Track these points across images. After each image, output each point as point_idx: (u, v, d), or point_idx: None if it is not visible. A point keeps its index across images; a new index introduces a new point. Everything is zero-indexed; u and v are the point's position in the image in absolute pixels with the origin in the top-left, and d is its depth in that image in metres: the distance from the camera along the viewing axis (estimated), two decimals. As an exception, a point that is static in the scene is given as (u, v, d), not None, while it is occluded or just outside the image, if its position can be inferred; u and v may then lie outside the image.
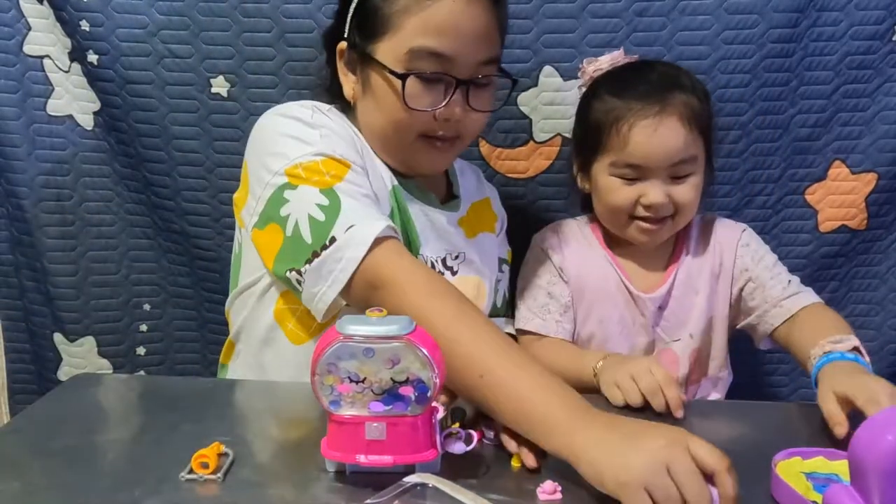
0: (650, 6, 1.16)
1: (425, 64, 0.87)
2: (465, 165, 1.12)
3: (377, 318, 0.64)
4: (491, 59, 0.91)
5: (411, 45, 0.87)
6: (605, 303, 1.07)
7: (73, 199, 1.26)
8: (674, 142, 0.98)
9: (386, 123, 0.92)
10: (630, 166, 0.99)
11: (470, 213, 1.05)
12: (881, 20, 1.15)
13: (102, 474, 0.71)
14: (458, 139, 0.94)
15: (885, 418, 0.54)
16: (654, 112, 0.97)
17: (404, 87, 0.87)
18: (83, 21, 1.17)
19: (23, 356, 1.33)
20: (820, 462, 0.70)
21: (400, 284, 0.78)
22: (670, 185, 1.00)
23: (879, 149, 1.20)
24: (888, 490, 0.53)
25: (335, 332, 0.64)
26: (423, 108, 0.89)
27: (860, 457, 0.55)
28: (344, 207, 0.82)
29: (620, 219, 1.03)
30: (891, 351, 1.27)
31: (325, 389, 0.65)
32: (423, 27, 0.86)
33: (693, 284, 1.06)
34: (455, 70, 0.88)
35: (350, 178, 0.85)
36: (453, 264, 0.99)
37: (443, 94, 0.89)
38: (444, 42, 0.87)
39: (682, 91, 1.00)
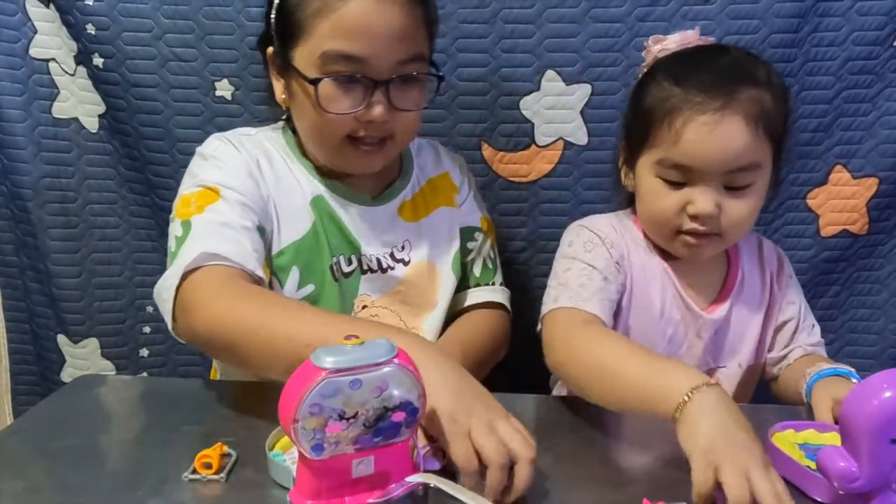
0: (652, 11, 1.16)
1: (339, 67, 0.86)
2: (422, 143, 1.10)
3: (354, 346, 0.58)
4: (412, 57, 0.89)
5: (323, 49, 0.86)
6: (658, 319, 0.95)
7: (78, 201, 1.27)
8: (734, 144, 0.84)
9: (310, 128, 0.93)
10: (678, 167, 0.87)
11: (425, 190, 1.05)
12: (882, 26, 1.15)
13: (106, 475, 0.71)
14: (388, 139, 0.93)
15: (873, 384, 0.58)
16: (716, 107, 0.84)
17: (317, 92, 0.87)
18: (89, 24, 1.18)
19: (26, 357, 1.33)
20: (811, 434, 0.76)
21: (205, 301, 0.79)
22: (724, 196, 0.87)
23: (881, 153, 1.20)
24: (875, 449, 0.58)
25: (313, 368, 0.57)
26: (341, 112, 0.88)
27: (849, 419, 0.59)
28: (189, 238, 0.84)
29: (663, 229, 0.92)
30: (892, 355, 1.27)
31: (308, 435, 0.58)
32: (334, 30, 0.85)
33: (749, 312, 0.97)
34: (371, 71, 0.86)
35: (214, 208, 0.86)
36: (403, 256, 1.00)
37: (361, 96, 0.88)
38: (356, 44, 0.85)
39: (756, 85, 0.86)
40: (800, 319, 1.01)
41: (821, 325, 1.04)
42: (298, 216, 0.94)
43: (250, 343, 0.76)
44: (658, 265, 0.97)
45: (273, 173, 0.94)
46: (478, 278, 1.09)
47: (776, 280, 1.01)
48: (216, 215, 0.86)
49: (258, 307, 0.78)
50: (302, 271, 0.94)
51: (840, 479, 0.60)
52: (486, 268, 1.09)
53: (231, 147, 0.94)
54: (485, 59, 1.19)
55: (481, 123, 1.22)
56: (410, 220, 1.02)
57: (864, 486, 0.59)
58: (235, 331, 0.77)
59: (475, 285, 1.09)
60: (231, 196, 0.88)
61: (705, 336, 0.97)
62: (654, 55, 0.96)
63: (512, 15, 1.17)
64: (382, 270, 0.99)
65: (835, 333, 1.27)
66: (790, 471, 0.70)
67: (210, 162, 0.93)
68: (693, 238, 0.90)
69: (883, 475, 0.59)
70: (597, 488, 0.70)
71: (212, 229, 0.85)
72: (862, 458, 0.59)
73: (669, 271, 0.96)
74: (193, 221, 0.86)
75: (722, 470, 0.61)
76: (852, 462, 0.59)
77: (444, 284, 1.03)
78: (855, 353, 1.27)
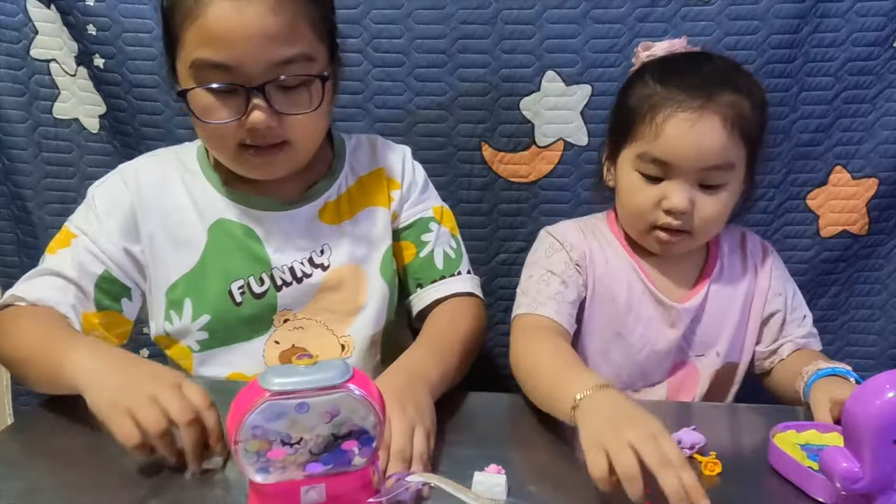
0: (652, 12, 1.16)
1: (210, 76, 0.82)
2: (361, 139, 1.04)
3: (307, 367, 0.55)
4: (291, 59, 0.83)
5: (191, 59, 0.82)
6: (627, 314, 0.98)
7: (78, 201, 1.25)
8: (710, 142, 0.88)
9: (203, 138, 0.91)
10: (657, 162, 0.91)
11: (352, 190, 0.99)
12: (882, 26, 1.15)
13: (106, 474, 0.71)
14: (285, 145, 0.88)
15: (876, 384, 0.58)
16: (696, 106, 0.88)
17: (189, 103, 0.84)
18: (90, 25, 1.18)
19: (27, 358, 1.33)
20: (813, 434, 0.76)
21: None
22: (697, 193, 0.91)
23: (880, 154, 1.20)
24: (878, 450, 0.58)
25: (258, 388, 0.54)
26: (219, 122, 0.84)
27: (852, 420, 0.59)
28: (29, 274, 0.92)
29: (639, 224, 0.96)
30: (892, 356, 1.27)
31: (251, 457, 0.55)
32: (198, 38, 0.81)
33: (728, 299, 1.00)
34: (241, 78, 0.82)
35: (60, 253, 0.92)
36: (322, 260, 0.95)
37: (239, 103, 0.83)
38: (220, 51, 0.81)
39: (735, 91, 0.90)
40: (787, 311, 1.01)
41: (820, 325, 1.05)
42: (188, 248, 0.93)
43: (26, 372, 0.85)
44: (626, 262, 1.00)
45: (161, 208, 0.94)
46: (441, 270, 1.01)
47: (760, 270, 1.02)
48: (57, 262, 0.91)
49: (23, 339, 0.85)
50: (195, 302, 0.93)
51: (843, 480, 0.60)
52: (449, 258, 1.02)
53: (114, 190, 0.95)
54: (485, 59, 1.19)
55: (481, 124, 1.22)
56: (332, 222, 0.97)
57: (866, 486, 0.59)
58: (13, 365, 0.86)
59: (440, 278, 1.01)
60: (82, 244, 0.92)
61: (681, 326, 0.98)
62: (643, 61, 0.99)
63: (512, 16, 1.18)
64: (298, 281, 0.94)
65: (835, 334, 1.27)
66: (792, 471, 0.70)
67: (86, 204, 0.95)
68: (665, 234, 0.93)
69: (886, 476, 0.59)
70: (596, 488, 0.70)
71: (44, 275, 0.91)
72: (865, 458, 0.59)
73: (638, 267, 0.99)
74: (45, 259, 0.93)
75: (609, 450, 0.64)
76: (855, 463, 0.59)
77: (374, 287, 0.98)
78: (855, 354, 1.27)
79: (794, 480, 0.69)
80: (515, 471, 0.69)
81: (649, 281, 0.99)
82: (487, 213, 1.25)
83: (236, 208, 0.95)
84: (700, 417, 0.82)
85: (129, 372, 0.74)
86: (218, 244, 0.94)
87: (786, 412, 0.87)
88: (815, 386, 0.85)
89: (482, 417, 0.85)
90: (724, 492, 0.68)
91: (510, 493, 0.66)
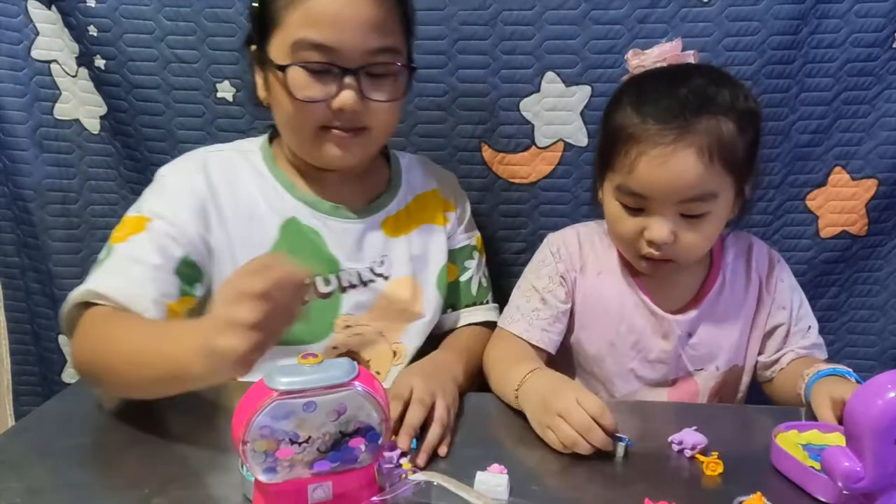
0: (652, 13, 1.17)
1: (309, 55, 0.87)
2: (413, 160, 1.10)
3: (312, 366, 0.56)
4: (384, 49, 0.89)
5: (294, 38, 0.87)
6: (619, 324, 0.98)
7: (79, 202, 1.27)
8: (686, 176, 0.86)
9: (285, 119, 0.93)
10: (635, 195, 0.90)
11: (411, 206, 1.04)
12: (881, 27, 1.15)
13: (108, 474, 0.72)
14: (363, 131, 0.92)
15: (877, 384, 0.59)
16: (669, 140, 0.85)
17: (287, 79, 0.88)
18: (91, 26, 1.18)
19: (27, 358, 1.33)
20: (815, 434, 0.76)
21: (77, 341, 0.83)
22: (680, 224, 0.89)
23: (880, 155, 1.20)
24: (880, 449, 0.58)
25: (265, 388, 0.55)
26: (311, 99, 0.88)
27: (854, 420, 0.60)
28: (103, 265, 0.87)
29: (626, 250, 0.96)
30: (891, 356, 1.27)
31: (258, 457, 0.55)
32: (305, 19, 0.87)
33: (729, 313, 0.98)
34: (340, 60, 0.88)
35: (135, 240, 0.88)
36: (382, 271, 0.99)
37: (332, 84, 0.88)
38: (325, 32, 0.86)
39: (714, 114, 0.86)
40: (791, 323, 1.00)
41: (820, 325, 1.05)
42: (257, 243, 0.93)
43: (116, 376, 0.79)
44: (620, 273, 1.00)
45: (234, 200, 0.94)
46: (474, 297, 1.09)
47: (765, 285, 1.01)
48: (133, 248, 0.87)
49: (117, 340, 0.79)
50: None
51: (845, 480, 0.60)
52: (482, 286, 1.10)
53: (185, 173, 0.95)
54: (485, 60, 1.19)
55: (481, 125, 1.22)
56: (392, 235, 1.01)
57: (868, 486, 0.59)
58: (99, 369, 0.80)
59: (472, 304, 1.09)
60: (158, 227, 0.89)
61: (673, 338, 0.97)
62: (633, 69, 0.97)
63: (512, 17, 1.18)
64: (364, 284, 0.97)
65: (834, 334, 1.28)
66: (794, 471, 0.70)
67: (156, 187, 0.94)
68: (649, 262, 0.94)
69: (887, 475, 0.59)
70: (598, 488, 0.70)
71: (121, 265, 0.86)
72: (866, 458, 0.59)
73: (633, 279, 0.99)
74: (114, 249, 0.88)
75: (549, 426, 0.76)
76: (857, 462, 0.59)
77: (429, 299, 1.02)
78: (855, 355, 1.28)
79: (796, 480, 0.69)
80: (517, 470, 0.69)
81: (644, 292, 0.98)
82: (487, 214, 1.25)
83: (306, 210, 0.97)
84: (702, 418, 0.82)
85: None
86: (288, 242, 0.95)
87: (787, 412, 0.87)
88: (815, 386, 0.85)
89: (484, 417, 0.86)
90: (725, 492, 0.68)
91: (512, 492, 0.66)
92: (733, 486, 0.69)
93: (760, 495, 0.65)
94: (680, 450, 0.76)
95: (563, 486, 0.70)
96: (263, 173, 0.98)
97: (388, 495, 0.59)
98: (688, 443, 0.75)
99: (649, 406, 0.94)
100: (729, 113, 0.87)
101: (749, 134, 0.90)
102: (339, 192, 0.98)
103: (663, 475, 0.72)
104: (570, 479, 0.71)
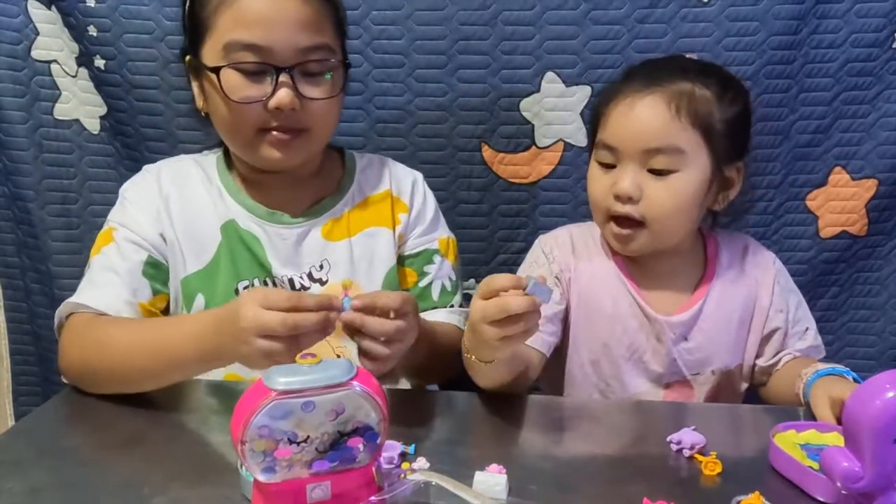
0: (652, 13, 1.17)
1: (242, 56, 0.89)
2: (372, 160, 1.07)
3: (311, 366, 0.56)
4: (316, 46, 0.90)
5: (225, 41, 0.89)
6: (613, 325, 0.97)
7: (79, 202, 1.27)
8: (651, 122, 0.89)
9: (223, 124, 0.94)
10: (607, 148, 0.92)
11: (358, 209, 1.02)
12: (881, 27, 1.15)
13: (108, 475, 0.72)
14: (304, 132, 0.93)
15: (876, 384, 0.58)
16: (640, 89, 0.90)
17: (220, 81, 0.89)
18: (90, 26, 1.18)
19: (27, 358, 1.33)
20: (813, 434, 0.76)
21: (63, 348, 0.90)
22: (646, 179, 0.90)
23: (880, 155, 1.20)
24: (878, 449, 0.58)
25: (263, 388, 0.55)
26: (246, 100, 0.89)
27: (853, 420, 0.59)
28: (84, 280, 0.94)
29: (598, 216, 0.96)
30: (891, 356, 1.27)
31: (257, 457, 0.55)
32: (234, 21, 0.88)
33: (723, 316, 0.97)
34: (274, 59, 0.88)
35: (106, 251, 0.95)
36: (321, 275, 0.98)
37: (267, 84, 0.89)
38: (256, 32, 0.88)
39: (692, 81, 0.90)
40: (788, 326, 1.00)
41: (820, 325, 1.05)
42: (204, 244, 0.96)
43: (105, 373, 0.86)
44: (614, 274, 0.99)
45: (181, 203, 0.98)
46: (436, 302, 1.04)
47: (761, 286, 1.00)
48: (105, 259, 0.94)
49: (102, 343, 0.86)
50: (207, 298, 0.95)
51: (843, 480, 0.60)
52: (445, 290, 1.05)
53: (141, 182, 1.00)
54: (485, 60, 1.19)
55: (481, 125, 1.22)
56: (334, 239, 0.99)
57: (867, 486, 0.59)
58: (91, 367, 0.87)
59: (432, 308, 1.03)
60: (122, 236, 0.95)
61: (666, 340, 0.96)
62: None
63: (512, 17, 1.18)
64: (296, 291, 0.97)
65: (834, 335, 1.28)
66: (792, 471, 0.70)
67: (119, 201, 1.00)
68: (618, 226, 0.93)
69: (886, 475, 0.59)
70: (596, 488, 0.70)
71: (97, 275, 0.94)
72: (865, 458, 0.59)
73: (627, 279, 0.98)
74: (91, 262, 0.96)
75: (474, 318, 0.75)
76: (856, 462, 0.59)
77: None
78: (854, 355, 1.28)
79: (795, 480, 0.69)
80: (516, 470, 0.69)
81: (637, 293, 0.98)
82: (487, 214, 1.26)
83: (246, 215, 0.98)
84: (700, 418, 0.82)
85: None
86: (229, 244, 0.97)
87: (786, 412, 0.87)
88: (814, 385, 0.84)
89: (483, 417, 0.86)
90: (724, 491, 0.68)
91: (511, 492, 0.66)
92: (732, 485, 0.69)
93: (759, 495, 0.65)
94: (678, 449, 0.76)
95: (562, 486, 0.70)
96: (213, 179, 1.00)
97: (387, 495, 0.59)
98: (686, 442, 0.75)
99: (648, 406, 0.94)
100: (708, 83, 0.91)
101: (729, 108, 0.92)
102: (282, 196, 0.99)
103: (662, 475, 0.72)
104: (569, 479, 0.71)
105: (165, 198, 0.98)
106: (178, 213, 0.97)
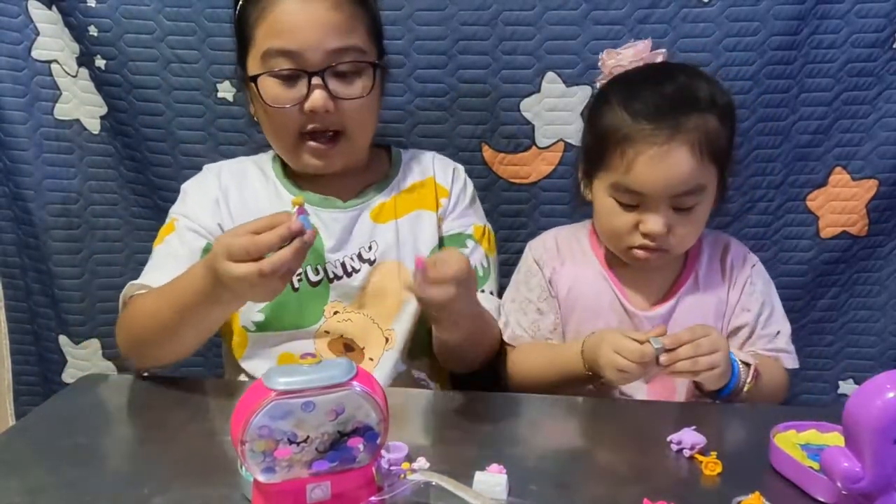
0: (652, 13, 1.17)
1: (276, 63, 0.95)
2: (416, 153, 1.14)
3: (311, 366, 0.56)
4: (346, 48, 0.95)
5: (263, 50, 0.95)
6: (596, 321, 1.01)
7: (80, 202, 1.27)
8: (681, 172, 0.92)
9: (268, 131, 1.02)
10: (631, 192, 0.95)
11: (404, 194, 1.08)
12: (882, 28, 1.15)
13: (109, 474, 0.72)
14: (340, 136, 0.99)
15: (876, 384, 0.59)
16: (664, 139, 0.91)
17: (259, 88, 0.96)
18: (91, 26, 1.18)
19: (28, 358, 1.34)
20: (813, 434, 0.76)
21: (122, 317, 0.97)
22: (672, 215, 0.95)
23: (880, 155, 1.20)
24: (879, 450, 0.58)
25: (263, 388, 0.55)
26: (283, 105, 0.95)
27: (853, 420, 0.59)
28: (146, 266, 1.01)
29: (618, 244, 1.00)
30: (891, 357, 1.27)
31: (257, 457, 0.56)
32: (269, 31, 0.95)
33: (701, 310, 1.01)
34: (305, 63, 0.94)
35: (167, 240, 1.01)
36: (369, 256, 1.03)
37: (301, 88, 0.95)
38: (287, 38, 0.94)
39: (700, 110, 0.93)
40: (757, 327, 1.02)
41: (820, 326, 1.04)
42: None
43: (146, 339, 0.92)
44: (598, 273, 1.04)
45: (239, 196, 1.04)
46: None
47: (734, 283, 1.03)
48: (167, 247, 1.01)
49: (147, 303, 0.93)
50: None
51: (844, 480, 0.60)
52: (476, 275, 1.06)
53: (203, 178, 1.07)
54: (485, 60, 1.19)
55: (482, 125, 1.22)
56: (382, 221, 1.05)
57: (867, 486, 0.59)
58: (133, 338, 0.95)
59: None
60: (183, 225, 1.01)
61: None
62: (609, 70, 1.02)
63: (512, 17, 1.18)
64: (348, 275, 1.02)
65: (834, 335, 1.27)
66: (793, 471, 0.70)
67: (181, 196, 1.07)
68: (643, 252, 0.97)
69: (886, 475, 0.59)
70: (596, 488, 0.70)
71: (158, 261, 1.00)
72: (865, 458, 0.59)
73: (610, 277, 1.03)
74: (154, 251, 1.02)
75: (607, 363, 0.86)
76: (856, 462, 0.59)
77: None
78: (855, 355, 1.27)
79: (795, 480, 0.69)
80: (516, 470, 0.69)
81: (619, 290, 1.02)
82: (487, 214, 1.25)
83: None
84: (700, 417, 0.82)
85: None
86: None
87: (786, 412, 0.87)
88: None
89: (483, 417, 0.86)
90: (724, 492, 0.68)
91: (511, 492, 0.66)
92: (732, 485, 0.69)
93: (759, 495, 0.65)
94: (679, 449, 0.76)
95: (562, 486, 0.70)
96: (269, 176, 1.07)
97: (387, 495, 0.59)
98: (686, 442, 0.76)
99: (648, 406, 0.94)
100: (712, 109, 0.94)
101: (728, 126, 0.97)
102: (333, 185, 1.04)
103: (662, 475, 0.72)
104: (569, 479, 0.71)
105: (224, 191, 1.04)
106: (235, 205, 1.03)
